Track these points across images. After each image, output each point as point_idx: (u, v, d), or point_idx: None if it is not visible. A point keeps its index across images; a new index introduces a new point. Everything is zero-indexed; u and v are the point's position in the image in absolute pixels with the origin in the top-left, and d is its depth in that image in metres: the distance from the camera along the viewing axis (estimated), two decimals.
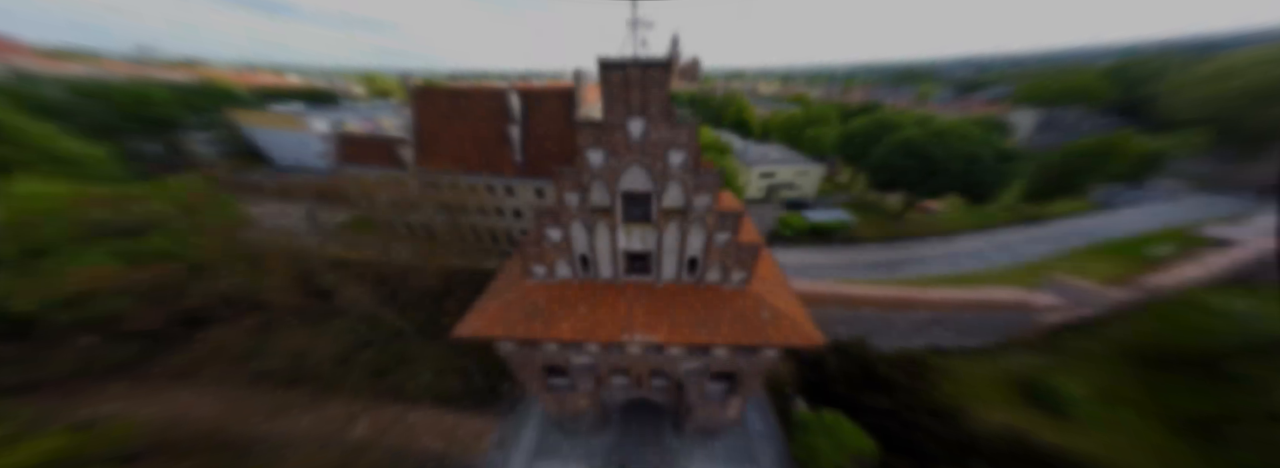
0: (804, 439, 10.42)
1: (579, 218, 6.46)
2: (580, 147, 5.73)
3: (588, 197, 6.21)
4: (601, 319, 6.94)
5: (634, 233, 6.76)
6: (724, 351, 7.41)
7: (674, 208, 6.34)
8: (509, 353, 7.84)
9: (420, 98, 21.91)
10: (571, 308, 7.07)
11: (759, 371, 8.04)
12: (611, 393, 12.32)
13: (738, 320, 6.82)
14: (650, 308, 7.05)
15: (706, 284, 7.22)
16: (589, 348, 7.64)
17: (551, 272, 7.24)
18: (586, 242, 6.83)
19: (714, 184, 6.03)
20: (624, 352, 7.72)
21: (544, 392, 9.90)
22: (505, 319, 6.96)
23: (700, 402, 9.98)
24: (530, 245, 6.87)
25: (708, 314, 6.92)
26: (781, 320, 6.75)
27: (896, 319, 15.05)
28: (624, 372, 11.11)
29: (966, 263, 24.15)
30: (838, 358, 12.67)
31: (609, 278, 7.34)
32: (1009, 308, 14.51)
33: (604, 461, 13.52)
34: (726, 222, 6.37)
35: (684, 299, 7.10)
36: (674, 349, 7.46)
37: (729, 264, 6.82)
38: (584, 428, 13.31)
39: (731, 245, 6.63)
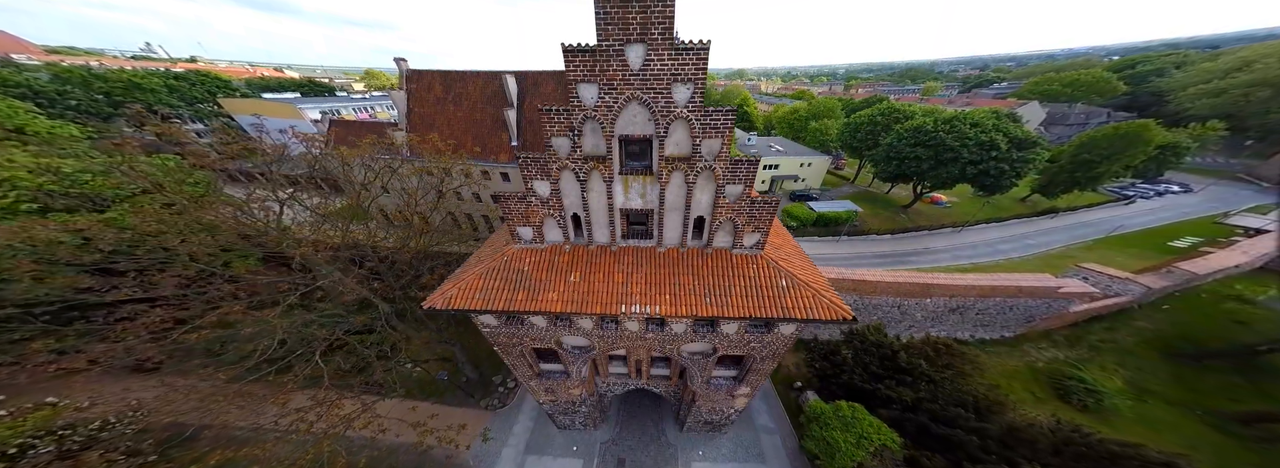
0: (819, 433, 9.48)
1: (570, 167, 5.62)
2: (570, 80, 4.91)
3: (579, 141, 5.38)
4: (595, 289, 6.07)
5: (632, 187, 5.90)
6: (734, 327, 6.53)
7: (678, 156, 5.49)
8: (492, 331, 6.98)
9: (414, 81, 21.22)
10: (561, 276, 6.21)
11: (773, 353, 7.15)
12: (608, 383, 11.42)
13: (751, 290, 5.96)
14: (651, 277, 6.18)
15: (714, 249, 6.35)
16: (582, 325, 6.77)
17: (540, 235, 6.38)
18: (579, 197, 5.98)
19: (725, 125, 5.17)
20: (621, 330, 6.85)
21: (534, 379, 9.01)
22: (484, 289, 6.10)
23: (705, 391, 9.08)
24: (515, 202, 6.03)
25: (716, 283, 6.06)
26: (802, 290, 5.88)
27: (911, 309, 14.14)
28: (621, 359, 10.26)
29: (979, 255, 23.30)
30: (853, 347, 11.71)
31: (605, 242, 6.49)
32: (1038, 295, 13.55)
33: (600, 457, 12.60)
34: (739, 171, 5.51)
35: (689, 266, 6.23)
36: (677, 325, 6.58)
37: (741, 223, 5.95)
38: (579, 422, 12.39)
39: (743, 201, 5.77)
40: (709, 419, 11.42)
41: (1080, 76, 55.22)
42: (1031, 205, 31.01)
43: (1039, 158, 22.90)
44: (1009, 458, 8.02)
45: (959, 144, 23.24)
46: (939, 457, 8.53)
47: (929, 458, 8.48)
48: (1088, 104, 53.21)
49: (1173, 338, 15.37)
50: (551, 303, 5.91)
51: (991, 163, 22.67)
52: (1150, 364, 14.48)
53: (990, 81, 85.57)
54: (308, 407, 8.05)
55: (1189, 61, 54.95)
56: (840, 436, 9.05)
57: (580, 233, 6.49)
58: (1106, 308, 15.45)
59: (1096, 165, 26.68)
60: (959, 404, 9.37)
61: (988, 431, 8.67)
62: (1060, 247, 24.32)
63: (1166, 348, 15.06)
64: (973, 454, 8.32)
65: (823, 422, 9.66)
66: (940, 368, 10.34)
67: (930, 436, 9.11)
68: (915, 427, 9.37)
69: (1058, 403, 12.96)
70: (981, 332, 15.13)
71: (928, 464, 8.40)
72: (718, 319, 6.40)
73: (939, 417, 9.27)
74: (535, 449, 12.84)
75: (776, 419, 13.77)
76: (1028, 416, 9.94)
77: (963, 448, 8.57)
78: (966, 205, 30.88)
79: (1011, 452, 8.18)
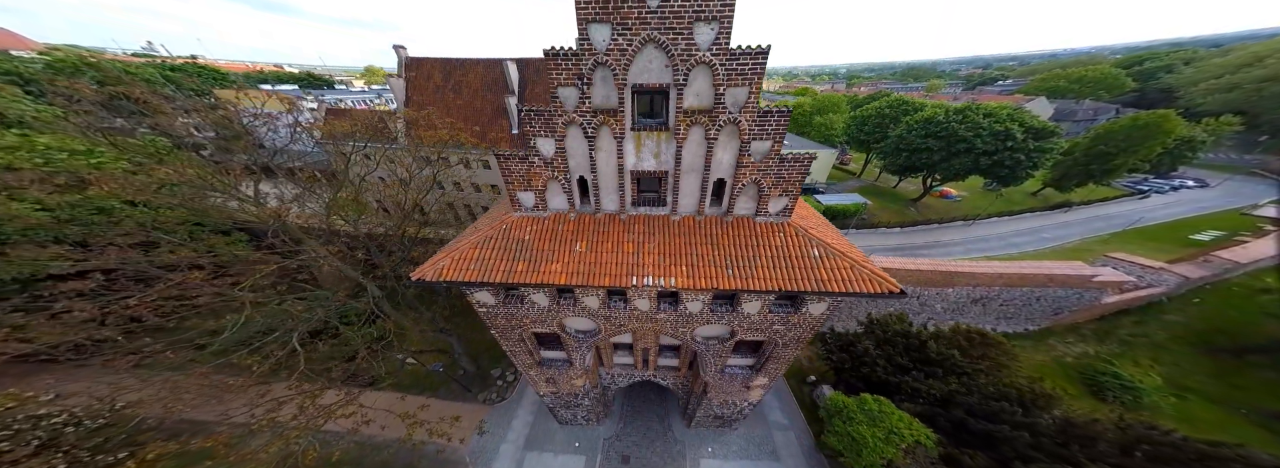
0: (842, 428, 8.73)
1: (578, 122, 4.98)
2: (580, 19, 4.29)
3: (588, 91, 4.75)
4: (603, 260, 5.42)
5: (645, 145, 5.26)
6: (756, 306, 5.86)
7: (699, 108, 4.85)
8: (489, 311, 6.32)
9: (413, 69, 20.73)
10: (566, 246, 5.56)
11: (798, 337, 6.46)
12: (613, 375, 10.72)
13: (778, 261, 5.29)
14: (665, 247, 5.52)
15: (735, 217, 5.69)
16: (587, 304, 6.11)
17: (542, 201, 5.74)
18: (586, 157, 5.34)
19: (753, 71, 4.54)
20: (630, 310, 6.19)
21: (534, 368, 8.33)
22: (480, 260, 5.46)
23: (718, 381, 8.37)
24: (515, 163, 5.39)
25: (738, 254, 5.39)
26: (837, 260, 5.20)
27: (931, 299, 13.42)
28: (627, 347, 9.58)
29: (992, 248, 22.54)
30: (875, 337, 10.94)
31: (613, 210, 5.84)
32: (1071, 284, 12.79)
33: (604, 453, 11.88)
34: (767, 124, 4.86)
35: (707, 236, 5.57)
36: (692, 304, 5.92)
37: (766, 186, 5.28)
38: (581, 416, 11.67)
39: (771, 159, 5.11)
40: (720, 414, 10.69)
41: (1087, 73, 54.51)
42: (1043, 199, 30.26)
43: (1057, 148, 22.17)
44: (1066, 457, 7.11)
45: (972, 134, 22.55)
46: (981, 455, 7.69)
47: (971, 457, 7.65)
48: (1095, 100, 52.48)
49: (1207, 332, 14.59)
50: (555, 275, 5.26)
51: (1007, 153, 21.96)
52: (1187, 359, 13.70)
53: (994, 79, 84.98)
54: (286, 396, 7.39)
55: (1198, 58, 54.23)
56: (867, 431, 8.29)
57: (587, 200, 5.84)
58: (1137, 300, 14.67)
59: (1114, 157, 25.95)
60: (1001, 398, 8.55)
61: (1038, 426, 7.82)
62: (1077, 240, 23.57)
63: (1202, 343, 14.28)
64: (1023, 453, 7.46)
65: (846, 416, 8.90)
66: (975, 359, 9.54)
67: (969, 432, 8.32)
68: (950, 422, 8.57)
69: (1092, 400, 12.19)
70: (1005, 324, 14.37)
71: (970, 463, 7.56)
72: (739, 296, 5.75)
73: (977, 411, 8.47)
74: (535, 445, 12.12)
75: (790, 415, 13.02)
76: (1083, 411, 9.15)
77: (1010, 445, 7.70)
78: (977, 199, 30.17)
79: (1066, 450, 7.29)
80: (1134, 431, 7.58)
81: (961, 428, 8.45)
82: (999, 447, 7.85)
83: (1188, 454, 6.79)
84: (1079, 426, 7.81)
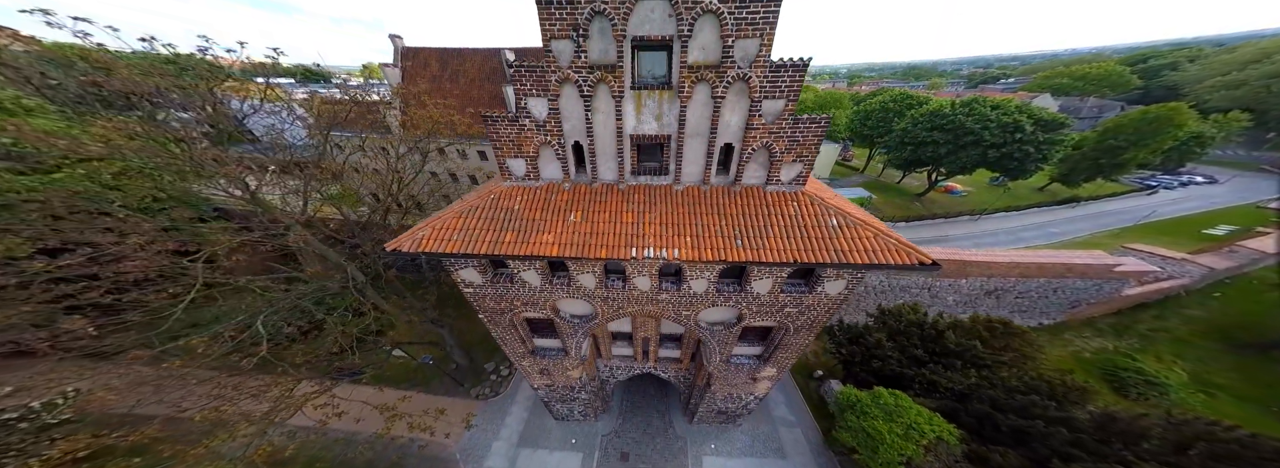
0: (856, 423, 8.16)
1: (573, 79, 4.51)
2: None
3: (585, 45, 4.27)
4: (600, 231, 4.92)
5: (646, 106, 4.77)
6: (767, 285, 5.35)
7: (705, 63, 4.38)
8: (476, 292, 5.82)
9: (409, 58, 20.34)
10: (559, 216, 5.07)
11: (811, 321, 5.95)
12: (611, 367, 10.20)
13: (793, 231, 4.78)
14: (667, 217, 5.02)
15: (744, 187, 5.20)
16: (583, 282, 5.60)
17: (534, 169, 5.26)
18: (582, 120, 4.86)
19: (766, 20, 4.07)
20: (629, 291, 5.68)
21: (527, 358, 7.82)
22: (464, 229, 4.96)
23: (723, 372, 7.85)
24: (505, 126, 4.91)
25: (748, 224, 4.89)
26: (860, 229, 4.70)
27: (943, 291, 12.88)
28: (626, 337, 9.06)
29: (1000, 242, 22.00)
30: (887, 329, 10.38)
31: (611, 180, 5.35)
32: (1091, 274, 12.23)
33: (602, 450, 11.33)
34: (780, 81, 4.38)
35: (714, 206, 5.07)
36: (697, 282, 5.41)
37: (778, 151, 4.78)
38: (578, 411, 11.13)
39: (784, 120, 4.62)
40: (723, 408, 10.15)
41: (1091, 70, 54.09)
42: (1050, 195, 29.74)
43: (1068, 140, 21.68)
44: (1110, 456, 6.40)
45: (979, 127, 22.08)
46: (1012, 453, 7.05)
47: (1002, 455, 7.02)
48: (1100, 98, 52.05)
49: (1231, 327, 14.03)
50: (547, 246, 4.76)
51: (1016, 146, 21.47)
52: (1212, 355, 13.13)
53: (996, 78, 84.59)
54: (256, 389, 6.89)
55: (1203, 56, 53.83)
56: (884, 426, 7.72)
57: (582, 169, 5.35)
58: (1158, 293, 14.11)
59: (1123, 151, 25.45)
60: (1030, 391, 7.94)
61: (1075, 421, 7.18)
62: (1087, 234, 23.04)
63: (1226, 338, 13.72)
64: (1060, 450, 6.79)
65: (860, 410, 8.34)
66: (997, 351, 8.95)
67: (995, 428, 7.70)
68: (974, 417, 7.97)
69: (1113, 397, 11.64)
70: (1019, 318, 13.81)
71: (1001, 462, 6.93)
72: (748, 273, 5.24)
73: (1004, 405, 7.86)
74: (530, 442, 11.58)
75: (796, 411, 12.47)
76: (1122, 407, 8.45)
77: (1046, 442, 7.04)
78: (982, 194, 29.68)
79: (1107, 448, 6.63)
80: (1190, 426, 6.84)
81: (986, 424, 7.85)
82: (1032, 444, 7.22)
83: (1260, 453, 5.87)
84: (1123, 421, 7.09)
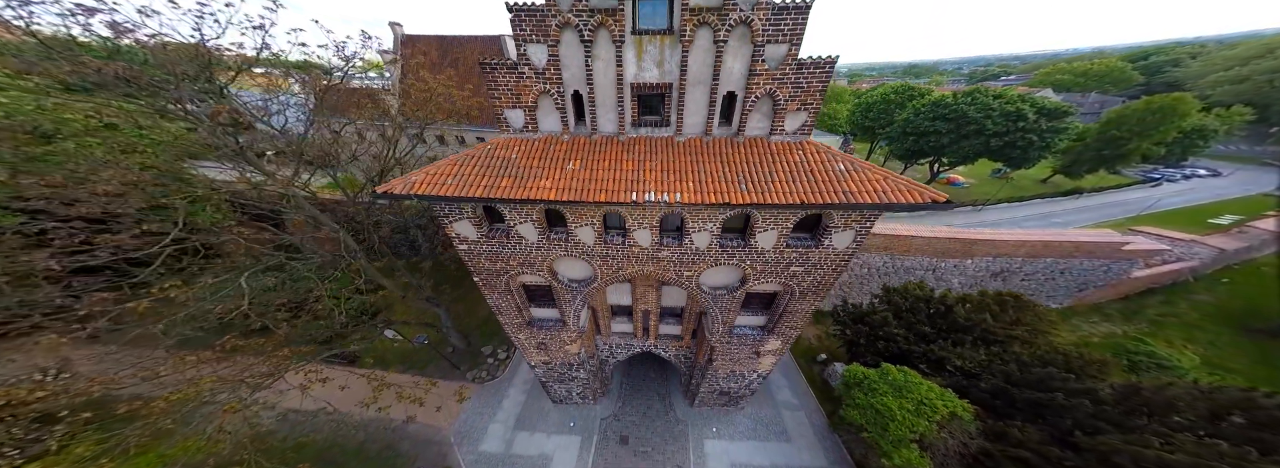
0: (864, 400, 7.91)
1: (573, 23, 4.36)
2: None
3: None
4: (599, 178, 4.77)
5: (647, 53, 4.64)
6: (772, 238, 5.18)
7: (706, 6, 4.23)
8: (471, 248, 5.65)
9: (409, 46, 20.28)
10: (557, 165, 4.91)
11: (818, 282, 5.77)
12: (610, 346, 10.01)
13: (799, 175, 4.63)
14: (668, 165, 4.87)
15: (748, 138, 5.05)
16: (581, 237, 5.42)
17: (533, 120, 5.11)
18: (581, 67, 4.71)
19: None
20: (629, 248, 5.50)
21: (523, 330, 7.64)
22: (459, 175, 4.81)
23: (726, 345, 7.66)
24: (503, 73, 4.76)
25: (751, 171, 4.74)
26: (867, 173, 4.55)
27: (948, 272, 12.67)
28: (626, 313, 8.87)
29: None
30: (893, 307, 10.15)
31: (612, 132, 5.20)
32: (1099, 253, 11.98)
33: (601, 433, 11.11)
34: (783, 23, 4.23)
35: (716, 154, 4.92)
36: (699, 234, 5.24)
37: (782, 98, 4.64)
38: (576, 393, 10.92)
39: (788, 66, 4.47)
40: (725, 389, 9.94)
41: (1093, 66, 54.04)
42: (1054, 186, 29.57)
43: (1071, 128, 21.52)
44: (1139, 428, 6.08)
45: (982, 116, 21.94)
46: (1031, 428, 6.76)
47: (1021, 429, 6.73)
48: (1102, 94, 51.96)
49: (1241, 312, 13.80)
50: (544, 191, 4.61)
51: (1019, 134, 21.31)
52: (1224, 339, 12.89)
53: (996, 75, 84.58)
54: (245, 365, 6.70)
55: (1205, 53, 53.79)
56: (893, 402, 7.47)
57: (582, 121, 5.20)
58: (1167, 276, 13.86)
59: (1127, 142, 25.28)
60: (1046, 364, 7.64)
61: (1098, 393, 6.86)
62: (1091, 224, 22.82)
63: (1236, 322, 13.48)
64: (1084, 423, 6.49)
65: (867, 387, 8.10)
66: (1008, 325, 8.66)
67: (1010, 403, 7.42)
68: (989, 392, 7.69)
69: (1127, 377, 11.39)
70: None
71: (1020, 436, 6.62)
72: (753, 222, 5.07)
73: (1019, 380, 7.57)
74: (527, 425, 11.37)
75: (800, 395, 12.25)
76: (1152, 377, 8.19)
77: (1068, 415, 6.72)
78: (985, 186, 29.51)
79: (1133, 421, 6.32)
80: (1223, 394, 6.51)
81: (1001, 399, 7.56)
82: (1051, 418, 6.93)
83: None
84: (1148, 391, 6.77)
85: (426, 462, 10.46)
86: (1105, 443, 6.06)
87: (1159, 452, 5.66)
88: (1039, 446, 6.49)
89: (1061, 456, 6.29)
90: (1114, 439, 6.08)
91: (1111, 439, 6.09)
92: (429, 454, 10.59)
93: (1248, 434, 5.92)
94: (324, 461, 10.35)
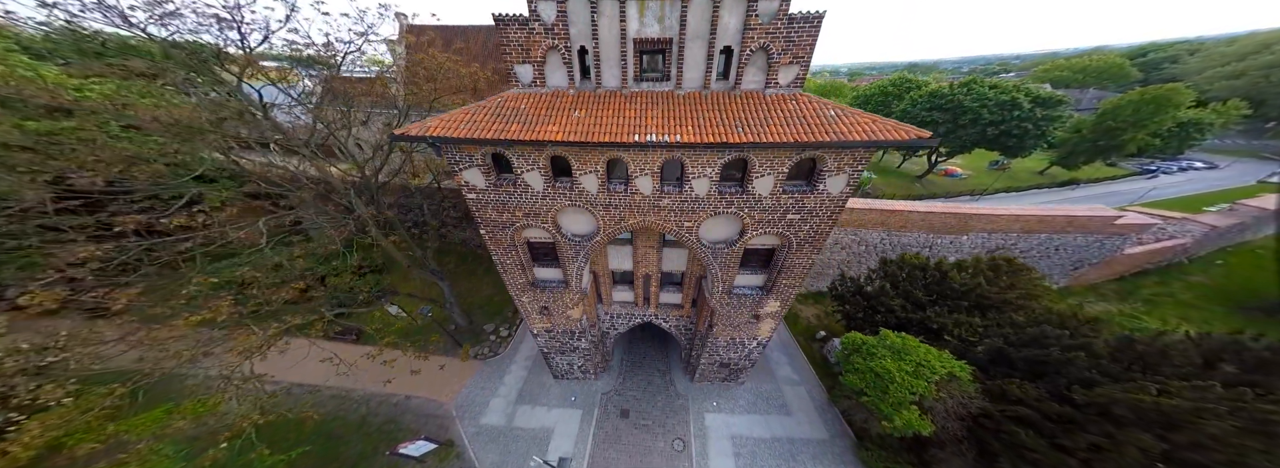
0: (864, 365, 8.06)
1: None
2: None
3: None
4: (604, 123, 5.04)
5: (649, 8, 4.92)
6: (768, 183, 5.41)
7: None
8: (479, 198, 5.90)
9: (414, 35, 20.66)
10: (564, 113, 5.18)
11: (814, 232, 6.00)
12: (612, 316, 10.22)
13: (793, 121, 4.89)
14: (669, 113, 5.14)
15: (745, 91, 5.32)
16: (584, 185, 5.67)
17: (541, 75, 5.39)
18: (588, 23, 5.00)
19: None
20: (631, 196, 5.73)
21: (527, 291, 7.87)
22: (471, 121, 5.08)
23: (726, 307, 7.87)
24: (514, 29, 5.04)
25: (748, 117, 5.01)
26: (857, 117, 4.81)
27: (943, 248, 12.87)
28: (628, 283, 9.09)
29: None
30: (890, 276, 10.32)
31: (615, 86, 5.47)
32: (1092, 228, 12.17)
33: (601, 407, 11.29)
34: None
35: (715, 105, 5.19)
36: (699, 180, 5.47)
37: (776, 52, 4.91)
38: (578, 366, 11.12)
39: (779, 21, 4.75)
40: (725, 360, 10.14)
41: (1092, 63, 54.38)
42: (1050, 178, 29.79)
43: (1065, 116, 21.76)
44: (1136, 381, 6.11)
45: (978, 105, 22.23)
46: (1029, 385, 6.84)
47: (1019, 386, 6.82)
48: (1100, 89, 52.26)
49: (1235, 292, 13.97)
50: (552, 134, 4.87)
51: (1014, 123, 21.58)
52: (1219, 318, 13.03)
53: (995, 73, 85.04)
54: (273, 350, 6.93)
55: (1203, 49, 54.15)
56: (892, 364, 7.61)
57: (587, 77, 5.49)
58: (1160, 254, 14.01)
59: (1122, 132, 25.51)
60: (1041, 323, 7.74)
61: (1093, 347, 6.95)
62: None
63: (1231, 301, 13.64)
64: (1081, 377, 6.56)
65: (866, 352, 8.27)
66: (1003, 289, 8.78)
67: (1007, 364, 7.53)
68: (988, 355, 7.77)
69: None
70: None
71: (1019, 394, 6.71)
72: (750, 168, 5.33)
73: (1015, 341, 7.70)
74: (528, 399, 11.56)
75: (800, 371, 12.43)
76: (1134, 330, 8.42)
77: (1063, 371, 6.78)
78: (982, 177, 29.75)
79: (1127, 372, 6.41)
80: (1211, 341, 6.64)
81: (999, 362, 7.66)
82: (1049, 376, 7.01)
83: None
84: (1142, 342, 6.87)
85: (428, 435, 10.64)
86: (1103, 394, 6.15)
87: (1156, 399, 5.78)
88: (1038, 402, 6.60)
89: (1061, 411, 6.40)
90: (1112, 389, 6.16)
91: (1109, 389, 6.17)
92: (430, 428, 10.77)
93: (1242, 377, 6.07)
94: (325, 434, 10.54)
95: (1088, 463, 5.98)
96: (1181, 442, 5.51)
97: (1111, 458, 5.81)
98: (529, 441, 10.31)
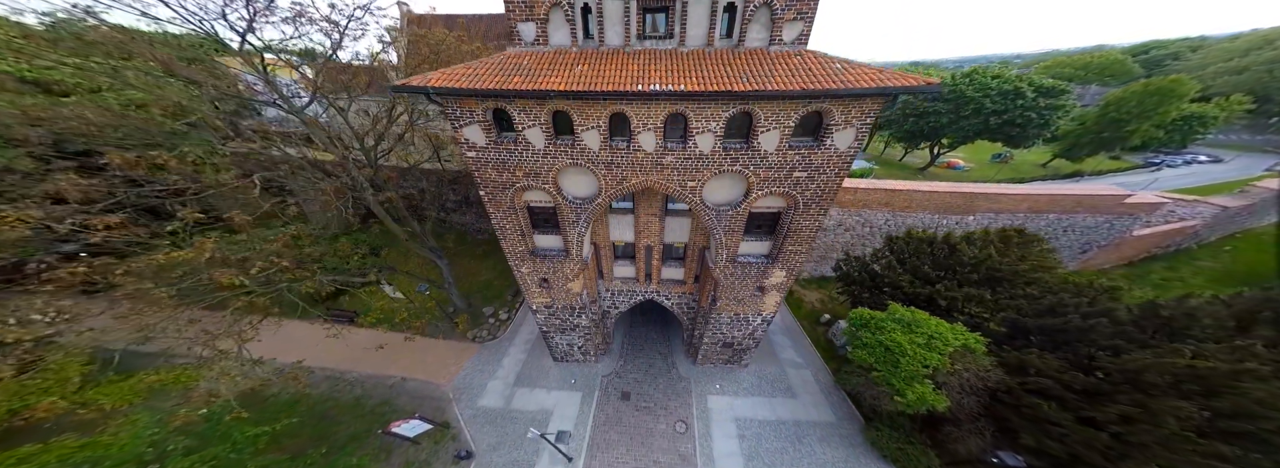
0: (873, 339, 7.85)
1: None
2: None
3: None
4: (606, 76, 4.99)
5: None
6: (774, 139, 5.34)
7: None
8: (480, 156, 5.84)
9: (415, 23, 20.79)
10: (567, 68, 5.14)
11: (821, 191, 5.89)
12: (613, 293, 10.12)
13: (798, 72, 4.83)
14: (672, 67, 5.09)
15: (748, 49, 5.26)
16: (586, 142, 5.60)
17: (544, 33, 5.35)
18: None
19: None
20: (634, 154, 5.66)
21: (527, 261, 7.79)
22: (472, 75, 5.04)
23: (730, 276, 7.75)
24: None
25: (753, 70, 4.94)
26: (862, 68, 4.75)
27: (949, 229, 12.71)
28: (629, 257, 9.00)
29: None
30: (897, 254, 10.15)
31: (618, 45, 5.43)
32: (1101, 208, 11.99)
33: (602, 390, 11.15)
34: None
35: (718, 60, 5.14)
36: (703, 136, 5.40)
37: (779, 8, 4.87)
38: (578, 347, 11.00)
39: None
40: (728, 339, 10.00)
41: (1094, 59, 54.29)
42: (1053, 170, 29.64)
43: (1068, 106, 21.67)
44: (1164, 346, 5.75)
45: (980, 95, 22.18)
46: (1048, 355, 6.51)
47: (1039, 356, 6.49)
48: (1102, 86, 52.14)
49: (1246, 276, 13.76)
50: (554, 85, 4.82)
51: (1017, 112, 21.50)
52: None
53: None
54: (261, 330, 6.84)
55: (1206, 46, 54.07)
56: (903, 337, 7.34)
57: (589, 36, 5.45)
58: (1170, 236, 13.79)
59: (1126, 124, 25.39)
60: (1057, 292, 7.46)
61: (1115, 314, 6.58)
62: None
63: (1240, 286, 13.42)
64: (1105, 345, 6.21)
65: (875, 326, 8.07)
66: (1014, 261, 8.50)
67: (1024, 334, 7.26)
68: (1004, 326, 7.49)
69: None
70: None
71: (1040, 364, 6.36)
72: (755, 123, 5.26)
73: (1029, 311, 7.44)
74: (527, 382, 11.43)
75: (805, 354, 12.27)
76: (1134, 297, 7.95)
77: (1087, 337, 6.36)
78: (984, 170, 29.64)
79: (1153, 339, 6.05)
80: (1243, 301, 6.21)
81: (1016, 335, 7.38)
82: (1070, 346, 6.67)
83: None
84: (1168, 306, 6.43)
85: (422, 414, 10.51)
86: (1134, 360, 5.73)
87: (1191, 362, 5.33)
88: (1060, 373, 6.21)
89: (1085, 382, 6.04)
90: (1142, 355, 5.77)
91: (1139, 356, 5.78)
92: (426, 410, 10.64)
93: None
94: (319, 415, 10.42)
95: (1119, 437, 5.57)
96: (1223, 409, 5.09)
97: (1145, 430, 5.39)
98: (527, 422, 10.17)
